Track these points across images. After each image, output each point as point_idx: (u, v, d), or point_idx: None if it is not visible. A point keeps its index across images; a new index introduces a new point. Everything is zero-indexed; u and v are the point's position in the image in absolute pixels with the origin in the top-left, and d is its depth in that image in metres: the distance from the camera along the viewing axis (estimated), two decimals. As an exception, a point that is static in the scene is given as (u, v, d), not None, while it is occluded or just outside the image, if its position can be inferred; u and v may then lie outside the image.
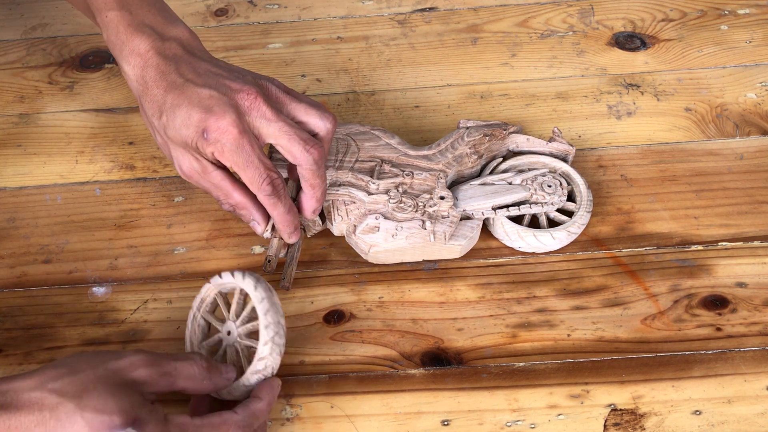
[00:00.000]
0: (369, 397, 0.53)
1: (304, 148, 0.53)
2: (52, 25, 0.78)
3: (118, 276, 0.59)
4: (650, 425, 0.51)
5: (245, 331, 0.51)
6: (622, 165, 0.65)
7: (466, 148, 0.61)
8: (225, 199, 0.56)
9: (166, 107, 0.53)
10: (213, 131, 0.52)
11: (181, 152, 0.55)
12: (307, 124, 0.55)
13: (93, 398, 0.42)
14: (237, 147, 0.52)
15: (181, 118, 0.53)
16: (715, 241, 0.60)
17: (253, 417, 0.47)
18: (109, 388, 0.43)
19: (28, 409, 0.42)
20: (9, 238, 0.62)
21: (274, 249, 0.56)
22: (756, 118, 0.68)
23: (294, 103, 0.55)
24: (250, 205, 0.56)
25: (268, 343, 0.48)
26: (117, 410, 0.42)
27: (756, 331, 0.55)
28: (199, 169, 0.54)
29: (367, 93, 0.71)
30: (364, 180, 0.58)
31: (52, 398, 0.42)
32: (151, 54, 0.54)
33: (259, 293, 0.49)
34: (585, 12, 0.77)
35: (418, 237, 0.57)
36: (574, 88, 0.71)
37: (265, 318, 0.48)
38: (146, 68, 0.54)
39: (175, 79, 0.54)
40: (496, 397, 0.53)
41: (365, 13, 0.78)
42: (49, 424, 0.42)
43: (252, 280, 0.50)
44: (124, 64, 0.55)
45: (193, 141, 0.53)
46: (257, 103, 0.53)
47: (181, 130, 0.53)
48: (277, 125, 0.53)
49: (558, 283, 0.58)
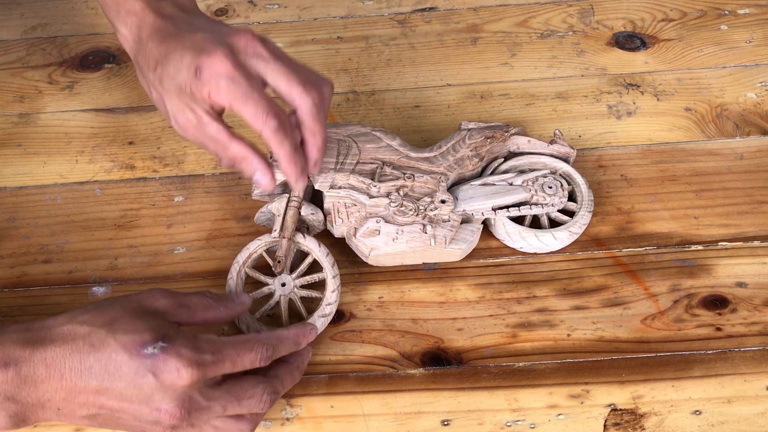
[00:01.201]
0: (369, 397, 0.53)
1: (304, 90, 0.51)
2: (52, 25, 0.78)
3: (118, 276, 0.59)
4: (650, 425, 0.51)
5: (301, 283, 0.56)
6: (622, 165, 0.65)
7: (467, 151, 0.61)
8: (223, 152, 0.53)
9: (160, 57, 0.52)
10: (206, 68, 0.50)
11: (176, 104, 0.52)
12: None
13: (122, 323, 0.45)
14: (232, 81, 0.49)
15: (174, 63, 0.51)
16: (715, 241, 0.60)
17: (278, 339, 0.49)
18: (136, 315, 0.46)
19: (61, 341, 0.45)
20: (9, 238, 0.62)
21: (283, 250, 0.56)
22: (756, 118, 0.68)
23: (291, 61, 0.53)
24: (250, 155, 0.53)
25: (336, 291, 0.56)
26: (146, 329, 0.45)
27: (756, 331, 0.55)
28: (194, 121, 0.52)
29: (367, 93, 0.71)
30: (366, 183, 0.58)
31: (83, 329, 0.45)
32: (147, 12, 0.54)
33: (324, 249, 0.57)
34: (585, 12, 0.77)
35: (418, 241, 0.57)
36: (574, 88, 0.71)
37: (332, 270, 0.56)
38: (142, 27, 0.54)
39: (170, 31, 0.53)
40: (496, 397, 0.53)
41: (365, 13, 0.78)
42: (84, 351, 0.44)
43: (314, 240, 0.57)
44: (120, 25, 0.55)
45: (187, 85, 0.50)
46: (253, 43, 0.51)
47: (175, 76, 0.51)
48: (274, 65, 0.51)
49: (558, 283, 0.58)
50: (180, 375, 0.44)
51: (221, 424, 0.47)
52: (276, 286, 0.56)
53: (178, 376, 0.44)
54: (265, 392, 0.48)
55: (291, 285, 0.56)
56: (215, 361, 0.46)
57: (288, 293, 0.56)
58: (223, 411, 0.47)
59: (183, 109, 0.52)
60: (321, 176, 0.58)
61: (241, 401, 0.47)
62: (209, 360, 0.45)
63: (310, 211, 0.58)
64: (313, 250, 0.57)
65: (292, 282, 0.56)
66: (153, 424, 0.46)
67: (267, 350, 0.48)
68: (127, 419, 0.46)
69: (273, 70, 0.51)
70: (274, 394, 0.49)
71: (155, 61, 0.53)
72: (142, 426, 0.46)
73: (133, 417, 0.46)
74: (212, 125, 0.52)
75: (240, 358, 0.47)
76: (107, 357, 0.44)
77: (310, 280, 0.57)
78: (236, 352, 0.47)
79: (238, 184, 0.64)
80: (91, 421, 0.46)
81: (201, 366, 0.45)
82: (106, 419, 0.46)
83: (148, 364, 0.44)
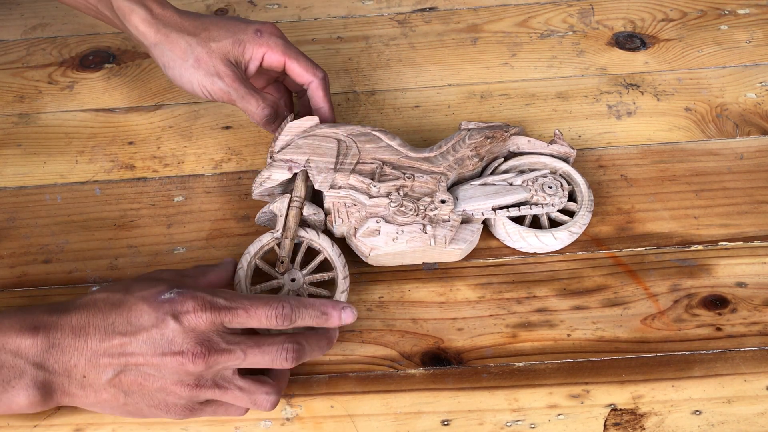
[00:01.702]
0: (369, 396, 0.53)
1: (317, 68, 0.62)
2: (52, 25, 0.78)
3: (118, 276, 0.59)
4: (650, 425, 0.51)
5: (312, 280, 0.57)
6: (622, 165, 0.65)
7: (467, 151, 0.61)
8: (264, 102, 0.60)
9: (206, 24, 0.60)
10: (265, 31, 0.61)
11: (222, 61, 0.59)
12: None
13: (137, 285, 0.49)
14: (288, 43, 0.62)
15: (228, 27, 0.60)
16: (715, 241, 0.60)
17: (300, 303, 0.50)
18: (147, 278, 0.50)
19: (85, 306, 0.48)
20: (9, 238, 0.62)
21: (286, 250, 0.57)
22: (756, 118, 0.68)
23: None
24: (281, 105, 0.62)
25: (345, 291, 0.56)
26: (161, 283, 0.49)
27: (756, 331, 0.55)
28: (241, 75, 0.60)
29: (367, 93, 0.71)
30: (366, 183, 0.58)
31: (102, 295, 0.48)
32: (169, 9, 0.61)
33: (337, 249, 0.57)
34: (585, 12, 0.77)
35: (418, 241, 0.57)
36: (574, 88, 0.71)
37: (343, 270, 0.56)
38: (165, 8, 0.61)
39: (198, 14, 0.62)
40: (496, 397, 0.53)
41: (365, 13, 0.78)
42: (105, 310, 0.47)
43: (328, 238, 0.57)
44: (139, 7, 0.60)
45: (242, 43, 0.60)
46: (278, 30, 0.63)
47: (231, 36, 0.60)
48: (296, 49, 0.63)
49: (558, 283, 0.58)
50: (197, 316, 0.46)
51: (246, 385, 0.48)
52: (286, 281, 0.56)
53: (196, 316, 0.46)
54: (286, 341, 0.48)
55: (301, 281, 0.56)
56: (229, 307, 0.47)
57: (297, 288, 0.56)
58: (244, 356, 0.47)
59: (229, 65, 0.60)
60: (321, 176, 0.58)
61: (263, 347, 0.48)
62: (223, 304, 0.47)
63: (312, 211, 0.58)
64: (326, 249, 0.57)
65: (302, 278, 0.56)
66: (178, 383, 0.46)
67: (284, 308, 0.48)
68: (152, 380, 0.46)
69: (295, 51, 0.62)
70: (298, 346, 0.49)
71: (199, 28, 0.60)
72: (167, 387, 0.47)
73: (158, 371, 0.46)
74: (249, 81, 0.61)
75: (254, 308, 0.48)
76: (128, 310, 0.47)
77: (320, 278, 0.57)
78: (251, 303, 0.48)
79: (238, 184, 0.65)
80: (116, 388, 0.47)
81: (216, 308, 0.47)
82: (132, 382, 0.46)
83: (167, 308, 0.47)
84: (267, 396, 0.49)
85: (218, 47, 0.59)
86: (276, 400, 0.49)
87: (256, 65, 0.61)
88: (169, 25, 0.60)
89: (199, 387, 0.47)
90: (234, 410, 0.50)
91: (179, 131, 0.68)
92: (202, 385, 0.47)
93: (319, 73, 0.62)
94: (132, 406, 0.47)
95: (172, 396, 0.47)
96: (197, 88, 0.60)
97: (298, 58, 0.61)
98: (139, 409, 0.48)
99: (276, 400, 0.49)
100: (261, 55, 0.60)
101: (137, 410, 0.48)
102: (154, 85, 0.72)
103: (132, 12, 0.60)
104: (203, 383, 0.47)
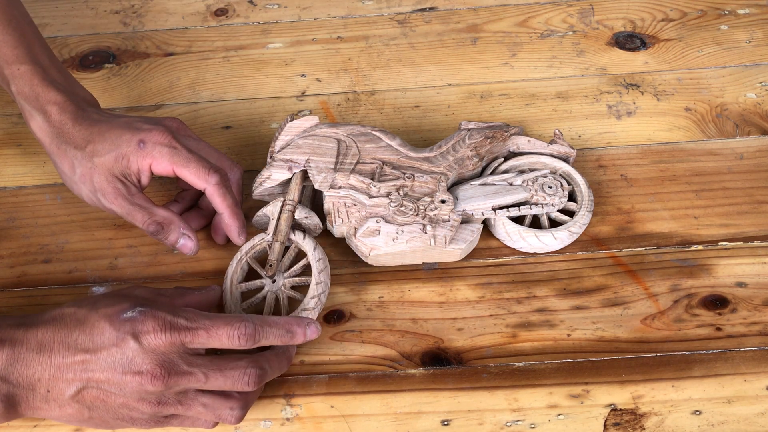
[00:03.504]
0: (369, 397, 0.53)
1: (212, 169, 0.57)
2: (52, 25, 0.78)
3: (118, 276, 0.59)
4: (650, 425, 0.51)
5: (292, 284, 0.57)
6: (622, 165, 0.65)
7: (467, 151, 0.61)
8: (150, 218, 0.56)
9: (92, 136, 0.57)
10: (149, 141, 0.56)
11: (106, 177, 0.56)
12: None
13: (104, 301, 0.49)
14: (174, 149, 0.56)
15: (111, 139, 0.56)
16: (715, 241, 0.60)
17: (263, 322, 0.49)
18: (117, 294, 0.50)
19: (51, 321, 0.48)
20: (9, 238, 0.62)
21: (275, 254, 0.57)
22: (756, 118, 0.68)
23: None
24: (176, 219, 0.57)
25: (315, 297, 0.55)
26: (126, 301, 0.48)
27: (756, 331, 0.55)
28: (124, 190, 0.56)
29: (367, 93, 0.71)
30: (366, 182, 0.58)
31: (70, 309, 0.48)
32: (68, 103, 0.58)
33: (318, 254, 0.56)
34: (585, 12, 0.77)
35: (418, 241, 0.57)
36: (574, 88, 0.71)
37: (319, 276, 0.55)
38: (63, 113, 0.57)
39: (96, 118, 0.58)
40: (496, 397, 0.53)
41: (365, 13, 0.78)
42: (70, 326, 0.47)
43: (312, 242, 0.57)
44: (37, 113, 0.58)
45: (126, 157, 0.56)
46: (183, 126, 0.59)
47: (113, 150, 0.56)
48: (203, 144, 0.59)
49: (558, 283, 0.58)
50: (157, 336, 0.46)
51: (209, 401, 0.48)
52: (267, 282, 0.56)
53: (156, 336, 0.46)
54: (249, 366, 0.48)
55: (281, 283, 0.56)
56: (190, 327, 0.47)
57: (276, 290, 0.56)
58: (206, 379, 0.47)
59: (114, 180, 0.56)
60: (321, 176, 0.58)
61: (224, 371, 0.48)
62: (184, 324, 0.47)
63: (304, 215, 0.58)
64: (307, 251, 0.57)
65: (283, 280, 0.56)
66: (139, 401, 0.47)
67: (247, 328, 0.48)
68: (113, 397, 0.46)
69: (202, 149, 0.59)
70: (260, 371, 0.49)
71: (85, 140, 0.57)
72: (129, 403, 0.47)
73: (119, 390, 0.46)
74: (140, 195, 0.57)
75: (216, 329, 0.47)
76: (91, 327, 0.47)
77: (299, 282, 0.57)
78: (212, 323, 0.48)
79: (238, 184, 0.65)
80: (79, 404, 0.47)
81: (177, 329, 0.47)
82: (95, 398, 0.47)
83: (128, 327, 0.47)
84: (231, 411, 0.49)
85: (101, 162, 0.56)
86: (241, 415, 0.49)
87: (147, 176, 0.57)
88: (61, 136, 0.57)
89: (161, 404, 0.47)
90: (201, 423, 0.50)
91: (179, 131, 0.68)
92: (165, 402, 0.47)
93: (213, 177, 0.56)
94: (98, 420, 0.48)
95: (135, 412, 0.47)
96: (88, 201, 0.58)
97: (188, 165, 0.56)
98: (105, 421, 0.48)
99: (241, 415, 0.49)
100: (147, 166, 0.56)
101: (103, 423, 0.48)
102: (154, 85, 0.72)
103: (31, 118, 0.58)
104: (165, 401, 0.47)
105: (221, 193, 0.57)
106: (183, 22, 0.78)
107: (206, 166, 0.56)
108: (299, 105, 0.70)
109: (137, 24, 0.78)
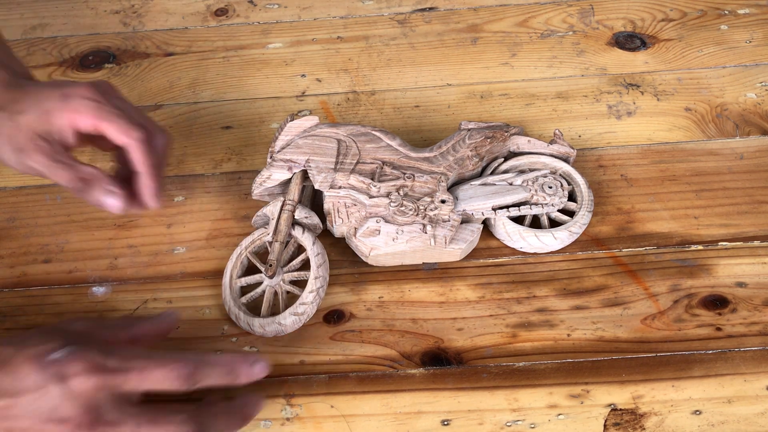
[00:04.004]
0: (369, 397, 0.53)
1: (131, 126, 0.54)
2: (52, 25, 0.78)
3: (118, 276, 0.59)
4: (650, 425, 0.51)
5: (290, 278, 0.57)
6: (622, 165, 0.65)
7: (467, 151, 0.61)
8: (74, 174, 0.53)
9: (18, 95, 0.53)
10: (73, 95, 0.52)
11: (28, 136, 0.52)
12: None
13: (33, 339, 0.45)
14: (98, 103, 0.53)
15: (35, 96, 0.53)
16: (715, 241, 0.60)
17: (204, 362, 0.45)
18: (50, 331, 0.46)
19: None
20: (9, 237, 0.62)
21: (275, 253, 0.57)
22: (756, 118, 0.68)
23: None
24: (101, 175, 0.53)
25: (314, 292, 0.55)
26: (56, 339, 0.44)
27: (756, 331, 0.55)
28: (48, 147, 0.52)
29: (367, 93, 0.71)
30: (366, 182, 0.58)
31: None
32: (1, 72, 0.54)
33: (316, 248, 0.57)
34: (585, 12, 0.77)
35: (418, 241, 0.57)
36: (574, 88, 0.71)
37: (317, 270, 0.56)
38: None
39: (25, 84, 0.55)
40: (496, 397, 0.53)
41: (365, 13, 0.78)
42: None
43: (311, 236, 0.57)
44: None
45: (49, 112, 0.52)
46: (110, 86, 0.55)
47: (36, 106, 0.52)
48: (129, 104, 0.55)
49: (558, 283, 0.58)
50: (85, 379, 0.43)
51: None
52: (265, 276, 0.56)
53: (83, 380, 0.43)
54: (186, 422, 0.44)
55: (280, 277, 0.57)
56: (120, 369, 0.43)
57: (275, 285, 0.56)
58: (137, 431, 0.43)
59: (36, 138, 0.52)
60: (321, 176, 0.58)
61: (158, 425, 0.44)
62: (114, 366, 0.43)
63: (304, 215, 0.58)
64: (306, 246, 0.57)
65: (282, 275, 0.57)
66: None
67: (184, 369, 0.44)
68: None
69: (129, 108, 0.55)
70: (197, 428, 0.44)
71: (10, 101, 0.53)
72: None
73: None
74: (64, 152, 0.53)
75: (149, 370, 0.44)
76: (14, 369, 0.43)
77: (298, 276, 0.57)
78: (146, 363, 0.44)
79: (238, 184, 0.65)
80: None
81: (106, 371, 0.43)
82: None
83: (53, 369, 0.43)
84: None
85: (25, 121, 0.52)
86: None
87: (71, 134, 0.53)
88: None
89: None
90: None
91: (179, 131, 0.68)
92: None
93: (136, 133, 0.53)
94: None
95: None
96: (13, 164, 0.54)
97: (111, 119, 0.52)
98: None
99: None
100: (71, 122, 0.52)
101: None
102: (154, 85, 0.72)
103: None
104: None
105: (143, 150, 0.53)
106: (183, 22, 0.78)
107: (131, 121, 0.53)
108: (299, 105, 0.70)
109: (137, 24, 0.78)
